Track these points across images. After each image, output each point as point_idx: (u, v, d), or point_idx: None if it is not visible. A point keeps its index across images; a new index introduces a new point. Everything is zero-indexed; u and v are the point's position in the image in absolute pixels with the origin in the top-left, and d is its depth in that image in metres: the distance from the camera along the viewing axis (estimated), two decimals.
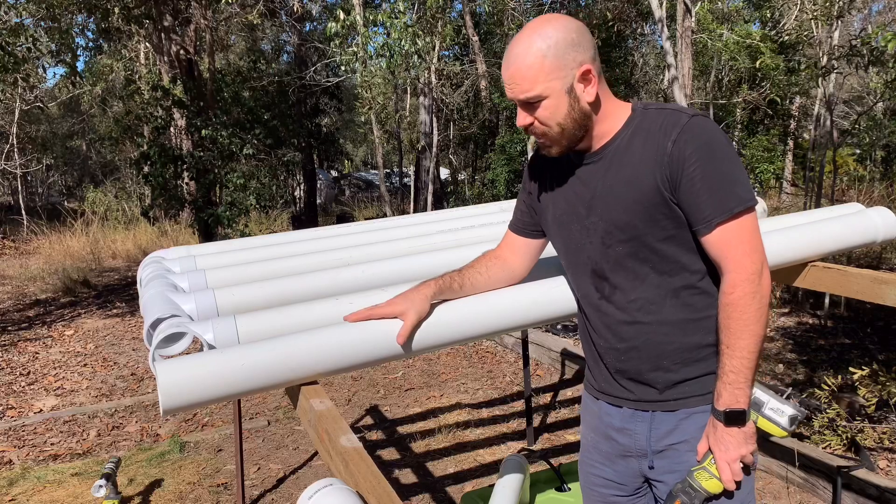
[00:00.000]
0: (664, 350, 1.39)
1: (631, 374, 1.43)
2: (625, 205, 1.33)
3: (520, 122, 1.34)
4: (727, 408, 1.30)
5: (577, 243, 1.44)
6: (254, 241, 2.30)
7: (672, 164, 1.27)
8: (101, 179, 20.34)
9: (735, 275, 1.28)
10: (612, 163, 1.36)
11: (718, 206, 1.27)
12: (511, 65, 1.30)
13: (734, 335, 1.28)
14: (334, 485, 1.11)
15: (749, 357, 1.28)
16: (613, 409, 1.50)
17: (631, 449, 1.48)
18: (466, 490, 3.42)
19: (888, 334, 6.19)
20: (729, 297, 1.29)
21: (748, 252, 1.29)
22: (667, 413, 1.42)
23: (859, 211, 2.34)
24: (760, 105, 10.47)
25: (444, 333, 1.51)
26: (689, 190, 1.27)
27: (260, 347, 1.35)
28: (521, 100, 1.31)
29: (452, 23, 11.01)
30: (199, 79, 9.55)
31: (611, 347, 1.45)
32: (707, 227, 1.29)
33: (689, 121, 1.28)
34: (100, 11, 9.37)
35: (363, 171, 29.24)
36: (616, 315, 1.41)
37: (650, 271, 1.36)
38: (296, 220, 15.09)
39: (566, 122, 1.31)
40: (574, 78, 1.29)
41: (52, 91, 19.26)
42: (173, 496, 3.49)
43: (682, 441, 1.41)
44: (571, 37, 1.28)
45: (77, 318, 7.35)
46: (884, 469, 3.65)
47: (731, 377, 1.29)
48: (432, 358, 5.79)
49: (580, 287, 1.49)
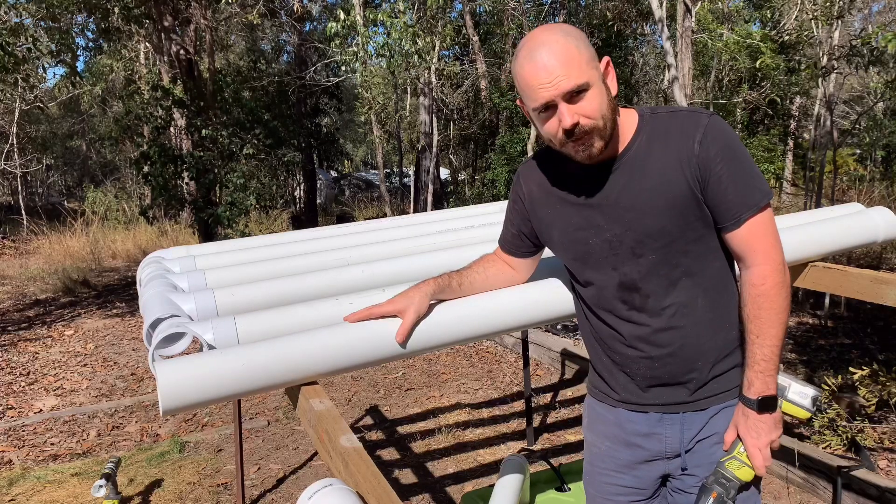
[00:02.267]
0: (700, 351, 1.40)
1: (664, 379, 1.42)
2: (657, 212, 1.32)
3: (567, 122, 1.25)
4: (760, 395, 1.33)
5: (599, 257, 1.40)
6: (254, 241, 2.30)
7: (700, 165, 1.29)
8: (101, 179, 20.34)
9: (766, 266, 1.31)
10: (632, 171, 1.34)
11: (745, 202, 1.30)
12: (547, 63, 1.23)
13: (766, 324, 1.31)
14: (334, 485, 1.11)
15: (778, 345, 1.32)
16: (637, 415, 1.47)
17: (660, 453, 1.47)
18: (466, 490, 3.42)
19: (888, 334, 6.19)
20: (760, 288, 1.31)
21: (774, 243, 1.33)
22: (697, 412, 1.43)
23: (860, 211, 2.34)
24: (760, 105, 10.47)
25: (444, 333, 1.51)
26: (718, 188, 1.29)
27: (260, 348, 1.35)
28: (568, 91, 1.23)
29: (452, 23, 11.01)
30: (199, 79, 9.55)
31: (643, 357, 1.42)
32: (736, 223, 1.31)
33: (710, 121, 1.30)
34: (100, 11, 9.37)
35: (363, 171, 29.24)
36: (650, 323, 1.40)
37: (682, 275, 1.37)
38: (296, 220, 15.09)
39: (608, 113, 1.28)
40: (601, 69, 1.29)
41: (52, 91, 19.26)
42: (173, 496, 3.49)
43: (713, 434, 1.43)
44: (584, 35, 1.30)
45: (77, 318, 7.35)
46: (884, 469, 3.65)
47: (763, 365, 1.32)
48: (432, 358, 5.79)
49: (602, 301, 1.44)
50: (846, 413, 4.00)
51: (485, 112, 12.56)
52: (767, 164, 10.83)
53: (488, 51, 13.36)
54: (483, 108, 12.61)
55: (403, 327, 1.40)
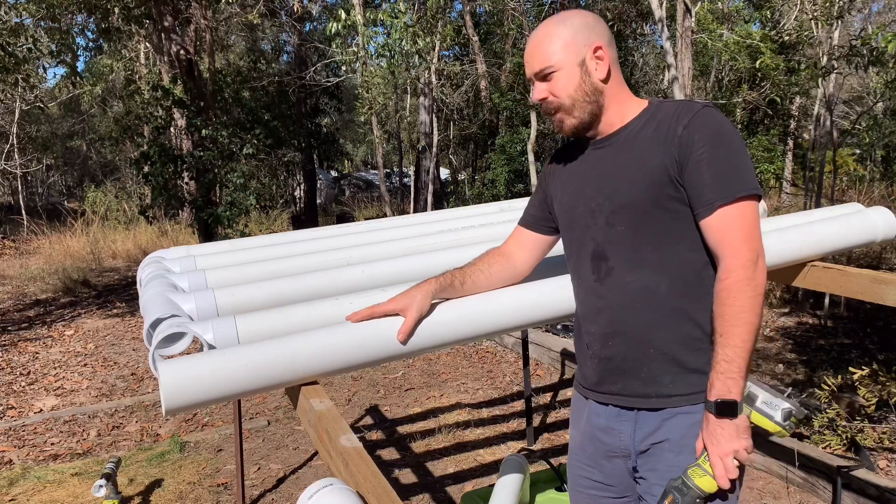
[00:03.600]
0: (653, 337, 1.37)
1: (616, 360, 1.41)
2: (631, 183, 1.36)
3: (535, 96, 1.42)
4: (718, 398, 1.27)
5: (582, 225, 1.45)
6: (254, 241, 2.30)
7: (681, 145, 1.30)
8: (101, 179, 20.33)
9: (731, 260, 1.27)
10: (622, 147, 1.40)
11: (721, 190, 1.28)
12: (529, 45, 1.42)
13: (727, 322, 1.26)
14: (334, 485, 1.12)
15: (742, 347, 1.25)
16: (601, 407, 1.48)
17: (616, 449, 1.47)
18: (466, 490, 3.42)
19: (888, 334, 6.19)
20: (723, 283, 1.27)
21: (745, 239, 1.28)
22: (651, 412, 1.40)
23: (859, 211, 2.34)
24: (760, 105, 10.47)
25: (444, 333, 1.51)
26: (696, 171, 1.30)
27: (262, 348, 1.35)
28: (535, 72, 1.41)
29: (452, 23, 11.01)
30: (199, 79, 9.54)
31: (601, 332, 1.43)
32: (708, 209, 1.29)
33: (702, 109, 1.33)
34: (100, 11, 9.36)
35: (363, 171, 29.24)
36: (608, 296, 1.41)
37: (650, 254, 1.36)
38: (296, 220, 15.09)
39: (577, 94, 1.38)
40: (587, 54, 1.37)
41: (52, 91, 19.25)
42: (173, 496, 3.49)
43: (665, 440, 1.39)
44: (587, 21, 1.39)
45: (77, 318, 7.35)
46: (884, 469, 3.65)
47: (724, 366, 1.26)
48: (432, 358, 5.79)
49: (579, 270, 1.48)
50: (846, 413, 4.00)
51: (485, 112, 12.56)
52: (767, 164, 10.84)
53: (488, 51, 13.36)
54: (483, 108, 12.61)
55: (405, 326, 1.40)
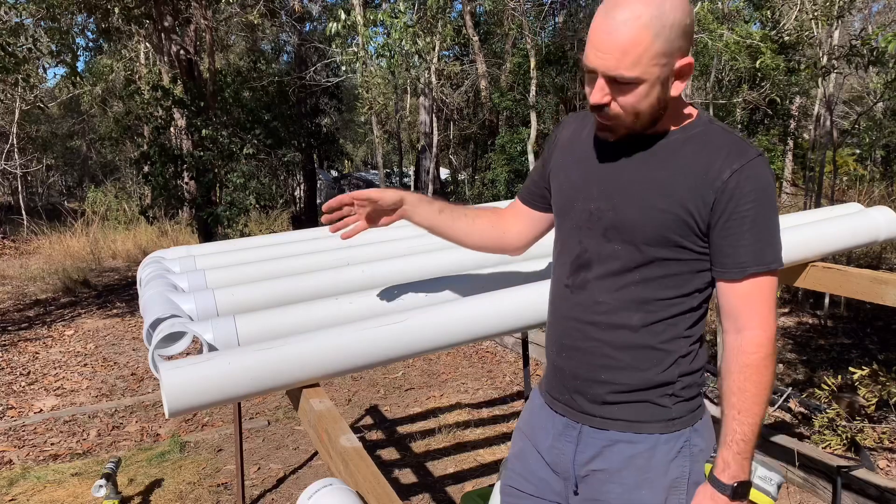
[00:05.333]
0: (606, 364, 1.27)
1: (567, 374, 1.33)
2: (644, 207, 1.20)
3: (595, 98, 1.15)
4: (736, 481, 1.19)
5: (575, 223, 1.30)
6: (254, 241, 2.30)
7: (724, 192, 1.15)
8: (101, 179, 20.33)
9: (761, 333, 1.18)
10: (652, 158, 1.21)
11: (758, 256, 1.17)
12: (611, 31, 1.10)
13: (752, 399, 1.17)
14: (334, 485, 1.12)
15: (758, 424, 1.19)
16: (549, 414, 1.38)
17: (557, 467, 1.36)
18: (466, 490, 3.42)
19: (888, 334, 6.19)
20: (751, 358, 1.18)
21: (772, 312, 1.19)
22: (594, 431, 1.30)
23: (861, 210, 2.34)
24: (760, 105, 10.47)
25: (444, 334, 1.52)
26: (736, 228, 1.16)
27: (265, 351, 1.35)
28: (612, 76, 1.12)
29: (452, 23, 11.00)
30: (199, 79, 9.55)
31: (558, 341, 1.34)
32: (739, 273, 1.18)
33: (757, 158, 1.16)
34: (100, 11, 9.37)
35: (363, 171, 29.23)
36: (574, 310, 1.30)
37: (632, 284, 1.24)
38: (296, 220, 15.08)
39: (646, 111, 1.16)
40: (673, 68, 1.13)
41: (52, 91, 19.26)
42: (173, 496, 3.49)
43: (603, 470, 1.29)
44: (686, 21, 1.10)
45: (77, 318, 7.35)
46: (884, 469, 3.65)
47: (742, 446, 1.18)
48: (432, 358, 5.79)
49: (558, 266, 1.37)
50: (846, 413, 4.00)
51: (485, 112, 12.56)
52: None
53: (488, 51, 13.36)
54: (483, 108, 12.61)
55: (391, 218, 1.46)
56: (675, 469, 1.27)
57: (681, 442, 1.28)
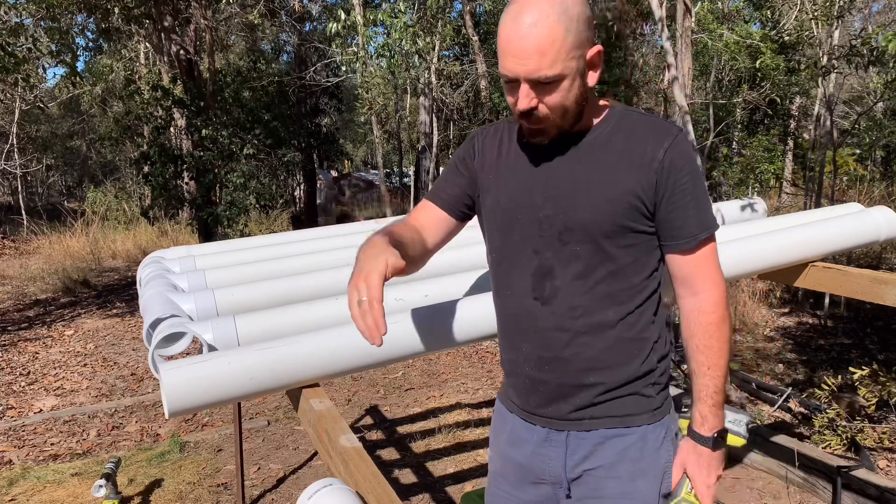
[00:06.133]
0: (593, 366, 1.27)
1: (552, 385, 1.30)
2: (593, 204, 1.22)
3: (523, 105, 1.15)
4: (714, 431, 1.26)
5: (524, 235, 1.28)
6: (254, 241, 2.30)
7: (662, 171, 1.20)
8: (101, 179, 20.33)
9: (716, 293, 1.26)
10: (584, 157, 1.24)
11: (702, 223, 1.24)
12: (524, 36, 1.10)
13: (717, 353, 1.25)
14: (334, 485, 1.12)
15: (725, 376, 1.27)
16: (527, 427, 1.35)
17: (545, 475, 1.34)
18: (466, 490, 3.42)
19: (888, 334, 6.19)
20: (711, 317, 1.26)
21: (719, 272, 1.28)
22: (582, 434, 1.30)
23: (861, 210, 2.34)
24: (760, 105, 10.47)
25: (444, 334, 1.52)
26: (680, 202, 1.22)
27: (265, 352, 1.35)
28: (534, 79, 1.13)
29: (452, 23, 11.01)
30: (199, 79, 9.55)
31: (536, 355, 1.30)
32: (689, 242, 1.24)
33: (681, 134, 1.23)
34: (100, 11, 9.37)
35: (363, 171, 29.25)
36: (550, 320, 1.28)
37: (601, 281, 1.25)
38: (296, 220, 15.08)
39: (573, 107, 1.18)
40: (586, 59, 1.16)
41: (52, 91, 19.26)
42: (173, 496, 3.49)
43: (599, 467, 1.30)
44: (588, 13, 1.14)
45: (77, 318, 7.35)
46: (884, 469, 3.65)
47: (716, 398, 1.26)
48: (432, 358, 5.79)
49: (511, 282, 1.32)
50: (846, 413, 4.00)
51: (485, 112, 12.56)
52: (767, 164, 10.84)
53: (488, 51, 13.36)
54: (483, 108, 12.61)
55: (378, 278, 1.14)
56: (664, 454, 1.32)
57: (664, 429, 1.33)
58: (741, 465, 3.66)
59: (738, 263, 1.95)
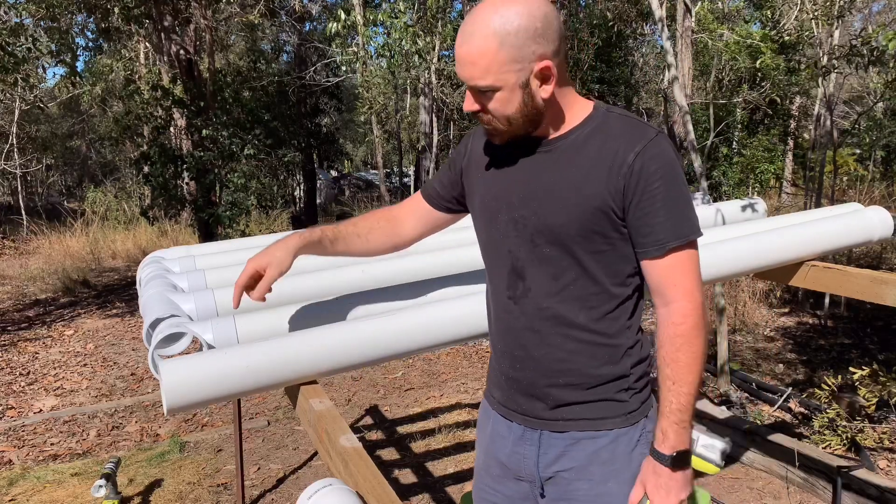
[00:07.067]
0: (563, 368, 1.28)
1: (523, 384, 1.32)
2: (563, 207, 1.22)
3: (466, 106, 1.22)
4: (675, 450, 1.21)
5: (502, 234, 1.31)
6: (254, 241, 2.30)
7: (631, 176, 1.18)
8: (101, 179, 20.33)
9: (687, 304, 1.20)
10: (560, 159, 1.24)
11: (674, 230, 1.19)
12: (464, 43, 1.16)
13: (685, 369, 1.20)
14: (334, 485, 1.12)
15: (694, 394, 1.21)
16: (505, 424, 1.38)
17: (522, 473, 1.37)
18: (466, 490, 3.41)
19: (888, 334, 6.19)
20: (680, 328, 1.20)
21: (696, 283, 1.22)
22: (555, 434, 1.31)
23: (856, 210, 2.34)
24: (760, 105, 10.48)
25: (442, 332, 1.52)
26: (649, 208, 1.18)
27: (262, 347, 1.35)
28: (472, 86, 1.19)
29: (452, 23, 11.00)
30: (199, 79, 9.54)
31: (510, 353, 1.34)
32: (659, 250, 1.20)
33: (657, 136, 1.20)
34: (99, 11, 9.37)
35: (363, 171, 29.25)
36: (521, 319, 1.30)
37: (570, 284, 1.25)
38: (296, 220, 15.08)
39: (516, 116, 1.20)
40: (531, 72, 1.16)
41: (52, 91, 19.24)
42: (173, 496, 3.49)
43: (570, 468, 1.31)
44: (535, 26, 1.13)
45: (77, 318, 7.35)
46: (884, 469, 3.65)
47: (679, 416, 1.20)
48: (432, 358, 5.79)
49: (494, 281, 1.36)
50: (846, 413, 4.00)
51: None
52: (767, 164, 10.84)
53: None
54: None
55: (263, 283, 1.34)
56: (637, 457, 1.30)
57: (639, 431, 1.31)
58: (741, 465, 3.67)
59: (730, 262, 1.95)
